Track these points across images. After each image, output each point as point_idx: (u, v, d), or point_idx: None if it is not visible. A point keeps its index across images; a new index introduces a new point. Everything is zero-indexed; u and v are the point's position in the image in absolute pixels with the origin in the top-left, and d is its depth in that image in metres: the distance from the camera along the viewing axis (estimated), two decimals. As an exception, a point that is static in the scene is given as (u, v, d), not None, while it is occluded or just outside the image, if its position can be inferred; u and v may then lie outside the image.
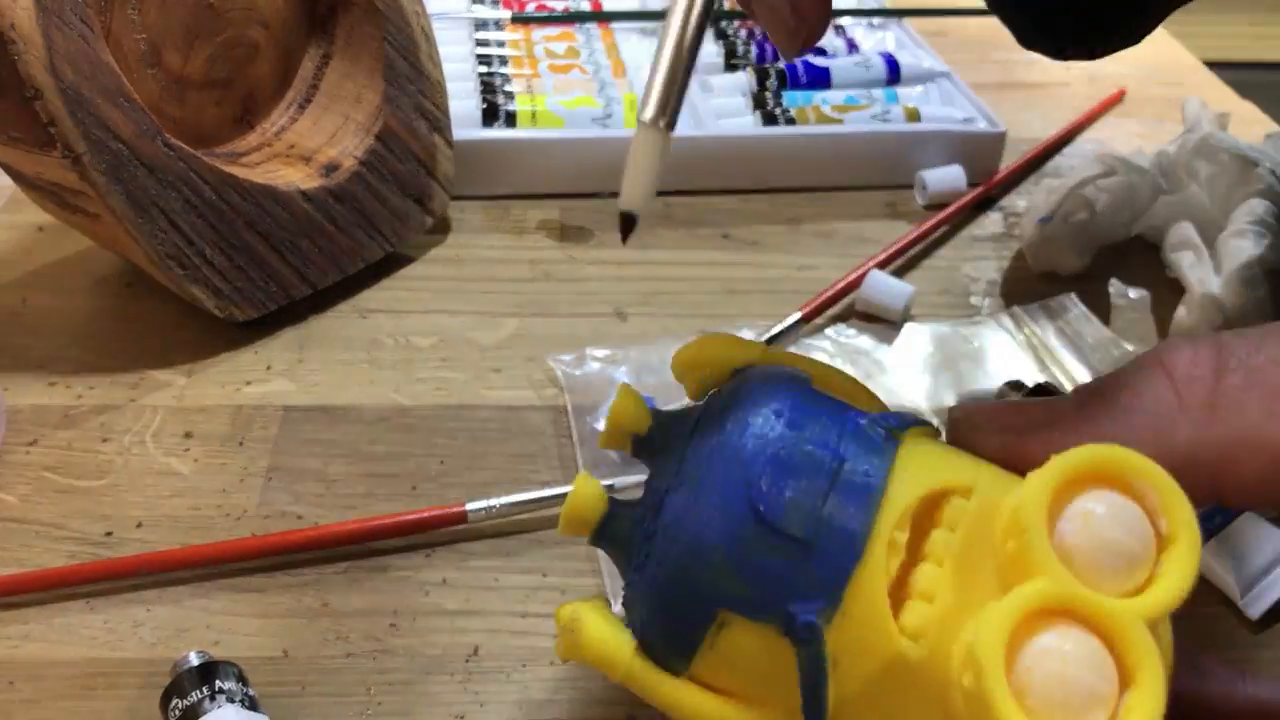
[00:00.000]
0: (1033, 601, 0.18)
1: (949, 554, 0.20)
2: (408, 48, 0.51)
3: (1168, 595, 0.18)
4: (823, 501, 0.20)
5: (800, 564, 0.20)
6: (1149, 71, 0.73)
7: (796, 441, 0.20)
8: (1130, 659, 0.18)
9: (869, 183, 0.59)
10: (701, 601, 0.21)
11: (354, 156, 0.50)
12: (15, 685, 0.34)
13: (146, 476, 0.41)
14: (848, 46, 0.68)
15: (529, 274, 0.53)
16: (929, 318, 0.50)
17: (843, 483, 0.20)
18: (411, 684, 0.34)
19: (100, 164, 0.41)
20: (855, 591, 0.20)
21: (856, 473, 0.20)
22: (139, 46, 0.45)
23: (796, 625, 0.20)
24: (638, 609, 0.22)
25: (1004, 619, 0.18)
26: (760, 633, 0.20)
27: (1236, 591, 0.37)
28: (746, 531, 0.20)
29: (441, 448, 0.42)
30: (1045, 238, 0.52)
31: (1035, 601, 0.18)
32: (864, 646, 0.20)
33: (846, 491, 0.20)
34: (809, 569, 0.20)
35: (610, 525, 0.23)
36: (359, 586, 0.37)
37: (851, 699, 0.20)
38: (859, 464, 0.20)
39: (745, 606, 0.20)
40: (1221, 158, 0.51)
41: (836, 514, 0.20)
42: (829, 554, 0.20)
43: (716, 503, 0.20)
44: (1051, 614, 0.18)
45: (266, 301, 0.47)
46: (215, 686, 0.31)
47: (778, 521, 0.20)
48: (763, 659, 0.21)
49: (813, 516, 0.20)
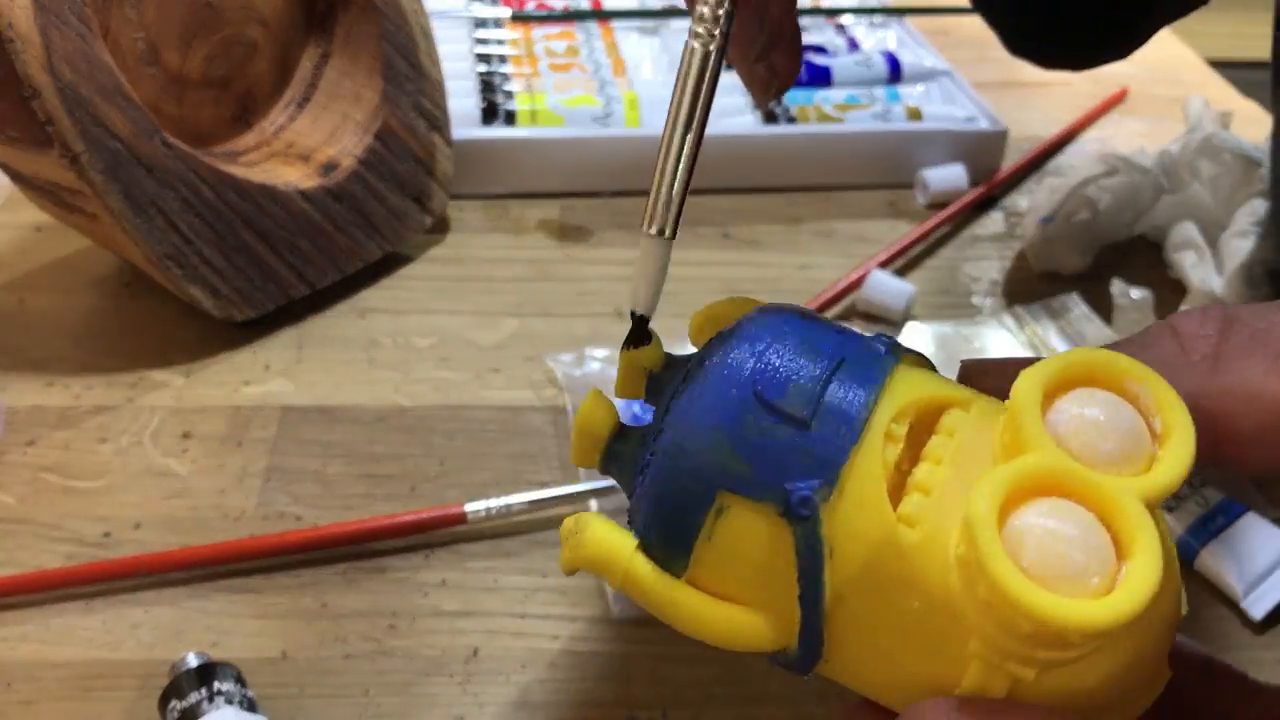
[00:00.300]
0: (1026, 470, 0.18)
1: (947, 454, 0.20)
2: (407, 46, 0.51)
3: (1165, 477, 0.18)
4: (823, 387, 0.21)
5: (799, 444, 0.20)
6: (1151, 70, 0.73)
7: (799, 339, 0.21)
8: (1126, 534, 0.18)
9: (870, 182, 0.59)
10: (702, 481, 0.21)
11: (353, 156, 0.49)
12: (13, 687, 0.33)
13: (144, 477, 0.41)
14: (849, 45, 0.67)
15: (528, 274, 0.52)
16: (930, 318, 0.50)
17: (843, 373, 0.21)
18: (410, 685, 0.34)
19: (98, 163, 0.41)
20: (852, 473, 0.20)
21: (858, 365, 0.21)
22: (137, 45, 0.45)
23: (793, 501, 0.20)
24: (639, 513, 0.23)
25: (997, 486, 0.18)
26: (758, 516, 0.21)
27: (1239, 593, 0.37)
28: (747, 413, 0.21)
29: (440, 448, 0.42)
30: (1047, 237, 0.52)
31: (1029, 471, 0.18)
32: (860, 530, 0.20)
33: (847, 380, 0.21)
34: (807, 449, 0.20)
35: (618, 444, 0.24)
36: (358, 587, 0.37)
37: (848, 588, 0.20)
38: (860, 360, 0.21)
39: (744, 485, 0.21)
40: (1224, 157, 0.51)
41: (836, 398, 0.21)
42: (827, 435, 0.20)
43: (717, 390, 0.21)
44: (1046, 489, 0.18)
45: (265, 301, 0.47)
46: (214, 688, 0.31)
47: (777, 401, 0.21)
48: (761, 549, 0.21)
49: (812, 398, 0.21)
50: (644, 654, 0.35)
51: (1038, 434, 0.19)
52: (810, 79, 0.63)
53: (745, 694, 0.34)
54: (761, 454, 0.20)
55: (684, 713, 0.34)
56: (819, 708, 0.34)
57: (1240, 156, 0.51)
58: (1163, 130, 0.65)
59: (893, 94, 0.62)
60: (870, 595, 0.20)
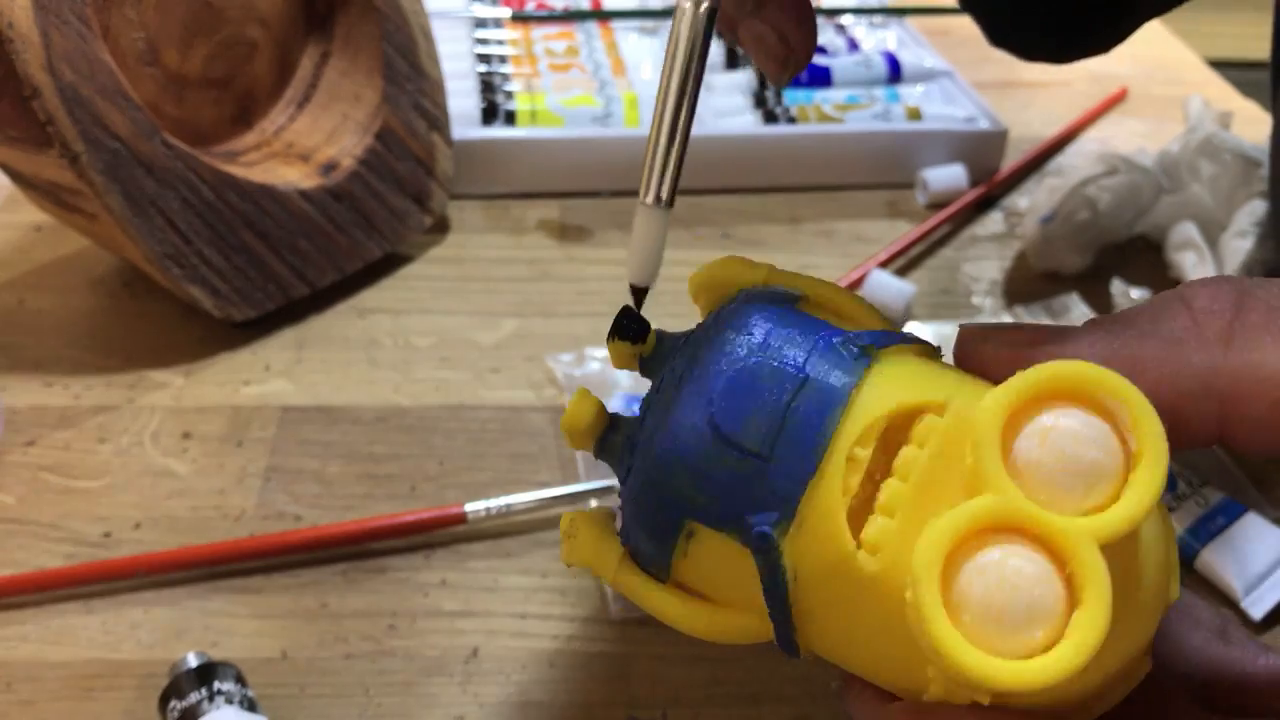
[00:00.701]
0: (975, 517, 0.18)
1: (915, 470, 0.20)
2: (406, 46, 0.51)
3: (1123, 516, 0.18)
4: (781, 418, 0.20)
5: (757, 477, 0.20)
6: (1151, 70, 0.73)
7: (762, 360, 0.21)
8: (1079, 579, 0.18)
9: (870, 182, 0.59)
10: (670, 510, 0.21)
11: (352, 155, 0.49)
12: (12, 687, 0.33)
13: (144, 477, 0.41)
14: (849, 45, 0.67)
15: (528, 274, 0.52)
16: (930, 318, 0.50)
17: (803, 398, 0.21)
18: (410, 685, 0.34)
19: (98, 163, 0.41)
20: (810, 505, 0.20)
21: (819, 388, 0.21)
22: (137, 45, 0.45)
23: (752, 536, 0.20)
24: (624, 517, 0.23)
25: (943, 534, 0.18)
26: (725, 541, 0.21)
27: (1239, 593, 0.37)
28: (706, 445, 0.21)
29: (440, 448, 0.42)
30: (1047, 237, 0.52)
31: (978, 517, 0.18)
32: (820, 559, 0.20)
33: (806, 407, 0.21)
34: (766, 482, 0.20)
35: (610, 435, 0.24)
36: (358, 587, 0.37)
37: (814, 606, 0.21)
38: (823, 380, 0.21)
39: (707, 517, 0.21)
40: (1224, 157, 0.51)
41: (794, 429, 0.20)
42: (785, 468, 0.20)
43: (682, 418, 0.21)
44: (1002, 530, 0.18)
45: (265, 301, 0.47)
46: (214, 688, 0.31)
47: (734, 435, 0.21)
48: (731, 566, 0.21)
49: (770, 431, 0.20)
50: (644, 654, 0.35)
51: (995, 472, 0.18)
52: (810, 79, 0.63)
53: (745, 694, 0.34)
54: (721, 486, 0.21)
55: (684, 713, 0.34)
56: (819, 708, 0.34)
57: (1240, 157, 0.51)
58: (1163, 130, 0.65)
59: (893, 94, 0.62)
60: (836, 612, 0.21)
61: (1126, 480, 0.18)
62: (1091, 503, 0.18)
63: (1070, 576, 0.18)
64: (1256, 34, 0.51)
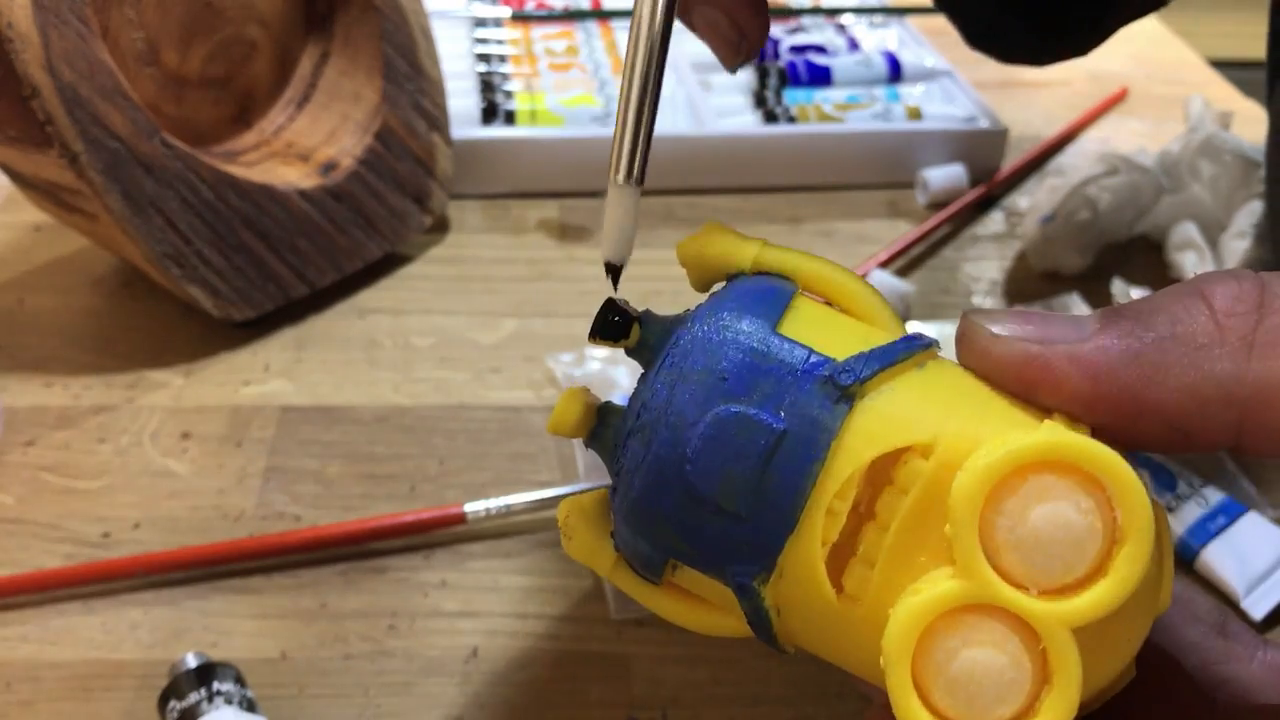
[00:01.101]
0: (947, 599, 0.18)
1: (895, 516, 0.20)
2: (406, 46, 0.51)
3: (1098, 603, 0.18)
4: (759, 477, 0.20)
5: (736, 532, 0.21)
6: (1151, 70, 0.73)
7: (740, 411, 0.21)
8: (1050, 662, 0.18)
9: (870, 181, 0.59)
10: (655, 550, 0.22)
11: (352, 155, 0.49)
12: (12, 687, 0.33)
13: (144, 477, 0.41)
14: (849, 45, 0.67)
15: (528, 274, 0.52)
16: (930, 317, 0.50)
17: (781, 454, 0.20)
18: (410, 686, 0.34)
19: (97, 163, 0.41)
20: (790, 559, 0.20)
21: (798, 442, 0.20)
22: (136, 45, 0.45)
23: (734, 584, 0.21)
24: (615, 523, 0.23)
25: (915, 617, 0.18)
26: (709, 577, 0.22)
27: (1239, 593, 0.37)
28: (685, 502, 0.21)
29: (440, 448, 0.42)
30: (1047, 237, 0.52)
31: (950, 599, 0.18)
32: (803, 604, 0.21)
33: (784, 464, 0.20)
34: (745, 536, 0.21)
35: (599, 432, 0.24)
36: (357, 588, 0.37)
37: (801, 637, 0.21)
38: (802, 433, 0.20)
39: (689, 560, 0.22)
40: (1224, 157, 0.51)
41: (771, 489, 0.20)
42: (763, 524, 0.20)
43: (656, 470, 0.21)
44: (975, 609, 0.18)
45: (264, 301, 0.47)
46: (213, 688, 0.31)
47: (711, 495, 0.21)
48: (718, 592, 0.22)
49: (747, 491, 0.20)
50: (644, 654, 0.35)
51: (971, 553, 0.18)
52: (810, 79, 0.63)
53: (745, 694, 0.34)
54: (702, 538, 0.21)
55: (684, 713, 0.34)
56: (819, 708, 0.34)
57: (1240, 157, 0.50)
58: (1163, 130, 0.65)
59: (893, 94, 0.62)
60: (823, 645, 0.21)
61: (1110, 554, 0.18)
62: (1072, 577, 0.18)
63: (1043, 651, 0.18)
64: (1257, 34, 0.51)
